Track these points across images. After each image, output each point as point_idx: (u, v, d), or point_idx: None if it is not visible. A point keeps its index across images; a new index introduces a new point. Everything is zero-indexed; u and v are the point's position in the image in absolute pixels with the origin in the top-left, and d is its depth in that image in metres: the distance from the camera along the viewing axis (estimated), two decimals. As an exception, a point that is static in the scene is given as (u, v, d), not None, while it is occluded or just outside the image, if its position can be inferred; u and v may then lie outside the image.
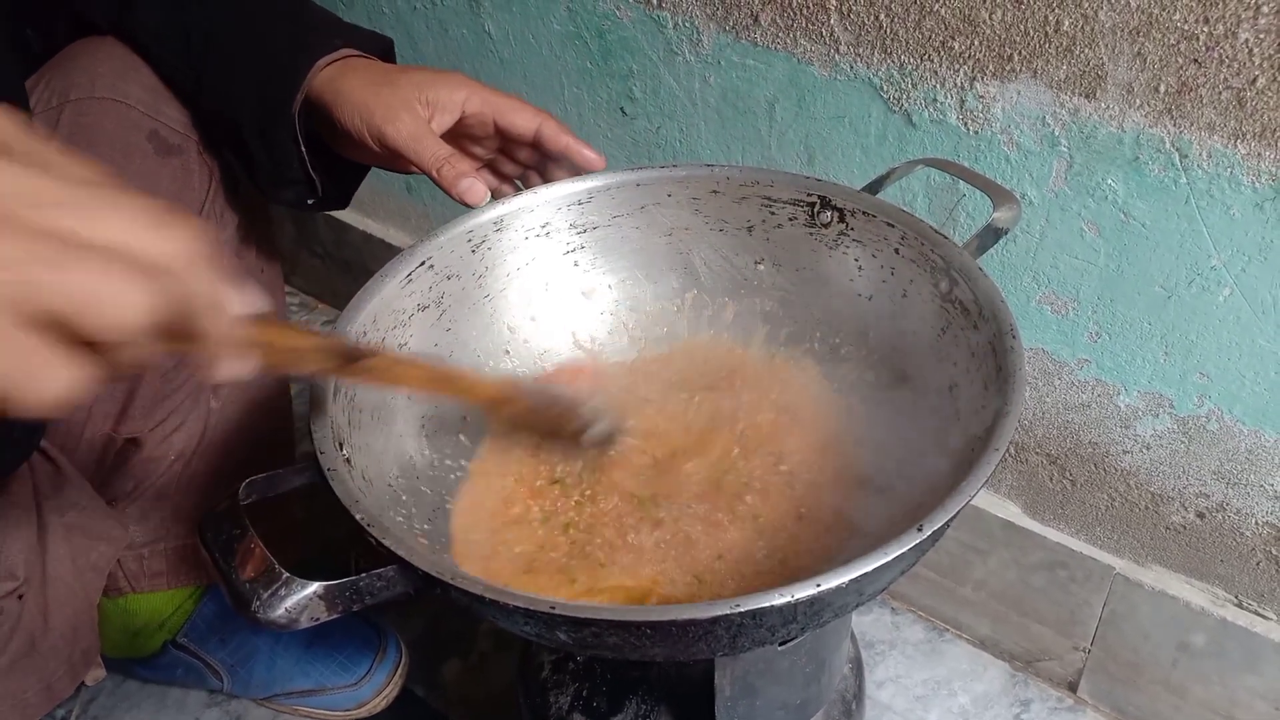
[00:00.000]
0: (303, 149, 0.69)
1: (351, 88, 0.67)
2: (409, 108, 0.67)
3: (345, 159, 0.73)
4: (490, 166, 0.76)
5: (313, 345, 0.48)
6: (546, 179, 0.74)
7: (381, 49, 0.73)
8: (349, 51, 0.70)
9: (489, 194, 0.67)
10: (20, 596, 0.69)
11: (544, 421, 0.67)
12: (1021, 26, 0.67)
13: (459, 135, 0.72)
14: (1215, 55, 0.60)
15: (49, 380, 0.32)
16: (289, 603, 0.46)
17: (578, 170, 0.72)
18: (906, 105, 0.76)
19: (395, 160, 0.69)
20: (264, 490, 0.53)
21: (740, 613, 0.42)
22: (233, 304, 0.39)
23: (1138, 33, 0.62)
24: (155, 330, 0.35)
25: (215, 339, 0.38)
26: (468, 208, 0.67)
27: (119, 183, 0.36)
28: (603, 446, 0.67)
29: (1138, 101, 0.65)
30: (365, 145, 0.68)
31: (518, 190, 0.73)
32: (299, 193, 0.73)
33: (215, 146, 0.78)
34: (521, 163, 0.75)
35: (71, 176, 0.34)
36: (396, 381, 0.59)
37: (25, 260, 0.31)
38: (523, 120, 0.70)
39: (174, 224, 0.35)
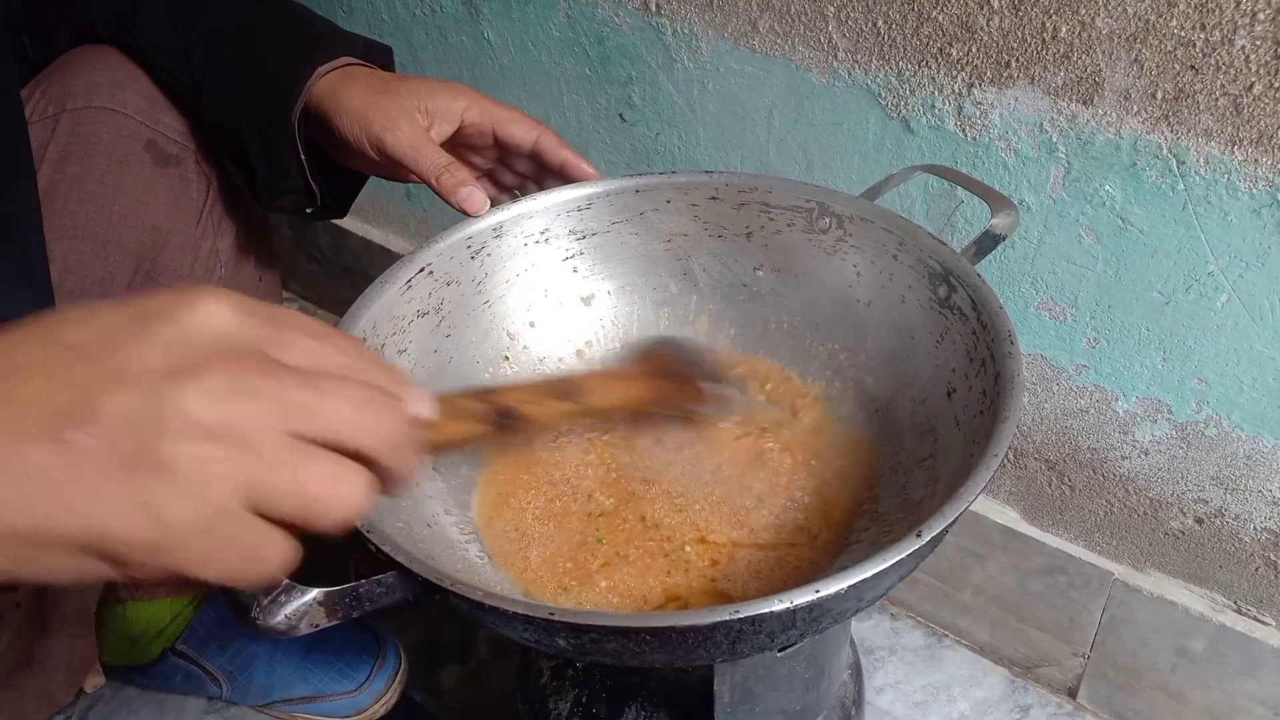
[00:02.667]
0: (302, 157, 0.69)
1: (351, 96, 0.67)
2: (408, 116, 0.67)
3: (344, 167, 0.73)
4: (489, 177, 0.77)
5: (470, 430, 0.50)
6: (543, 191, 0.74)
7: (382, 58, 0.73)
8: (349, 60, 0.70)
9: (488, 202, 0.68)
10: (18, 605, 0.69)
11: (664, 407, 0.66)
12: (1019, 33, 0.67)
13: (458, 145, 0.72)
14: (1212, 62, 0.61)
15: (272, 558, 0.34)
16: (288, 609, 0.46)
17: (574, 184, 0.72)
18: (904, 111, 0.76)
19: (394, 169, 0.69)
20: (263, 496, 0.53)
21: (739, 619, 0.42)
22: (412, 417, 0.39)
23: (1135, 39, 0.63)
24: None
25: (403, 474, 0.38)
26: (466, 216, 0.68)
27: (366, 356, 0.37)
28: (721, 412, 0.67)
29: (1135, 108, 0.65)
30: (364, 153, 0.68)
31: (516, 200, 0.73)
32: (297, 201, 0.73)
33: (213, 155, 0.78)
34: (519, 174, 0.76)
35: (302, 355, 0.35)
36: (546, 426, 0.60)
37: (265, 474, 0.32)
38: (521, 131, 0.70)
39: (379, 393, 0.36)
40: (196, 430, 0.31)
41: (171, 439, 0.30)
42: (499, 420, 0.52)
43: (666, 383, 0.66)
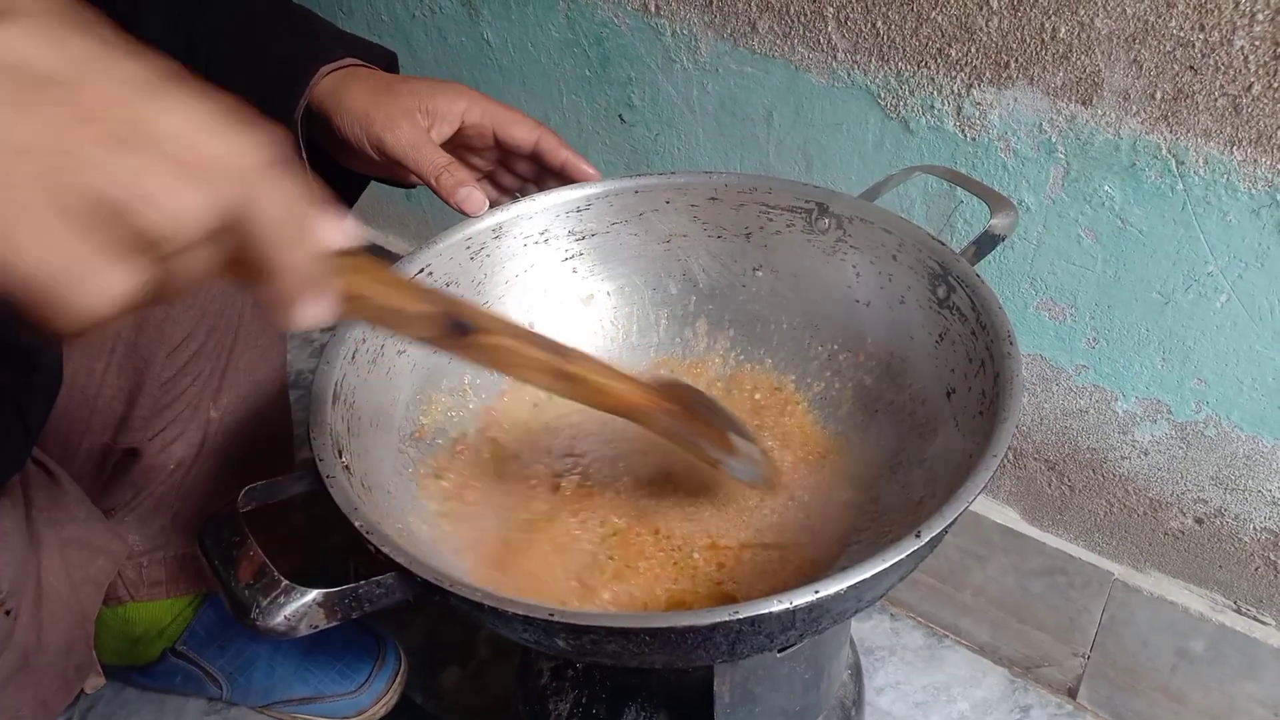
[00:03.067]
0: (304, 156, 0.69)
1: (352, 96, 0.67)
2: (408, 116, 0.67)
3: (346, 171, 0.73)
4: (489, 178, 0.77)
5: (414, 309, 0.41)
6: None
7: (386, 61, 0.73)
8: (352, 61, 0.70)
9: (487, 203, 0.68)
10: (9, 612, 0.68)
11: (689, 443, 0.59)
12: (1018, 34, 0.67)
13: (458, 146, 0.72)
14: (1211, 62, 0.61)
15: (95, 284, 0.28)
16: (288, 610, 0.46)
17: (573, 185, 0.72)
18: (904, 112, 0.76)
19: (394, 169, 0.69)
20: (263, 498, 0.53)
21: (739, 619, 0.42)
22: (317, 231, 0.34)
23: (1134, 40, 0.63)
24: (219, 250, 0.31)
25: (290, 272, 0.32)
26: (465, 216, 0.68)
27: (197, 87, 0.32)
28: (745, 481, 0.61)
29: (1134, 108, 0.65)
30: (365, 154, 0.68)
31: (516, 202, 0.73)
32: None
33: None
34: (520, 175, 0.76)
35: (144, 67, 0.30)
36: (511, 371, 0.49)
37: (77, 136, 0.27)
38: (521, 133, 0.70)
39: (252, 127, 0.31)
40: None
41: None
42: (450, 326, 0.44)
43: (692, 416, 0.58)
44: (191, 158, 0.29)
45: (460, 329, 0.44)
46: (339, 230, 0.35)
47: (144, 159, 0.28)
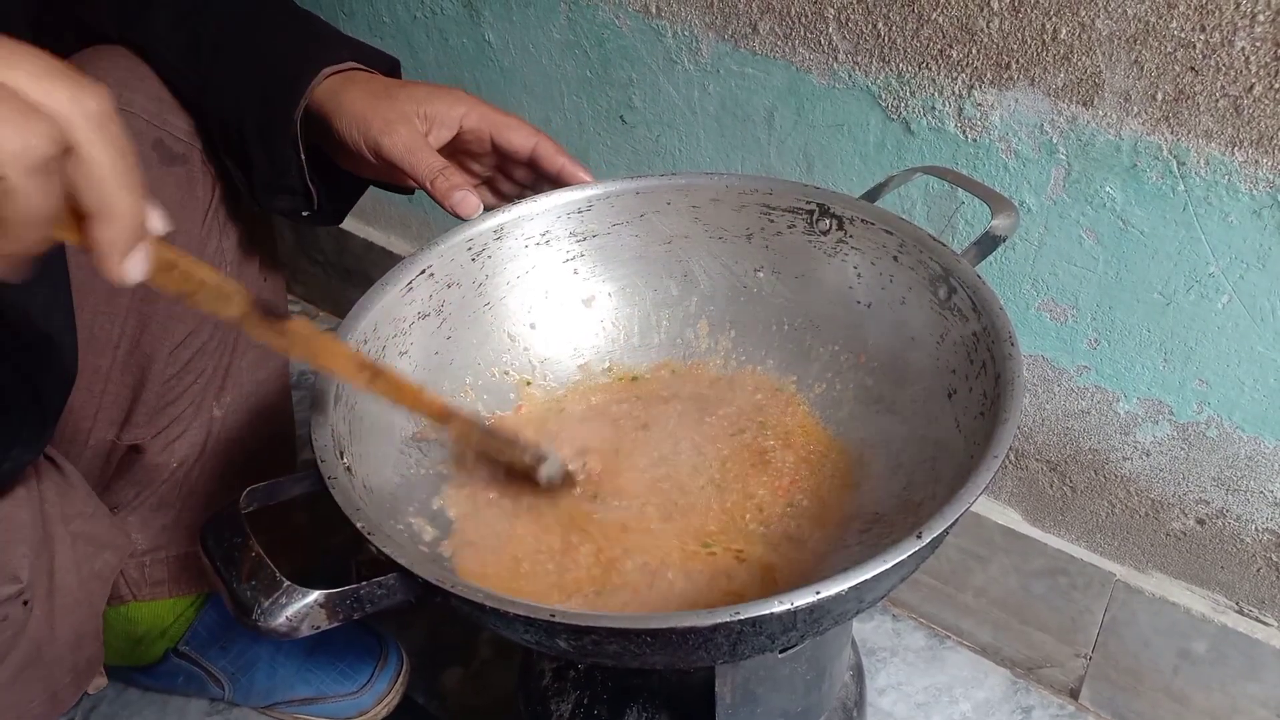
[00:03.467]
0: (302, 156, 0.70)
1: (351, 99, 0.67)
2: (406, 120, 0.67)
3: (344, 174, 0.73)
4: (487, 184, 0.77)
5: (218, 283, 0.46)
6: None
7: (387, 66, 0.74)
8: (353, 64, 0.70)
9: (482, 206, 0.68)
10: (26, 603, 0.69)
11: (497, 455, 0.65)
12: (1019, 35, 0.67)
13: (457, 152, 0.72)
14: (1212, 63, 0.61)
15: None
16: (290, 611, 0.46)
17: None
18: (905, 113, 0.76)
19: (391, 173, 0.69)
20: (265, 498, 0.53)
21: (740, 620, 0.42)
22: (134, 190, 0.37)
23: (1135, 41, 0.63)
24: (53, 192, 0.33)
25: (120, 216, 0.36)
26: (461, 220, 0.68)
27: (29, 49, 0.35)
28: (559, 486, 0.65)
29: (1135, 109, 0.65)
30: (362, 157, 0.68)
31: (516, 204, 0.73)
32: (295, 203, 0.73)
33: (217, 154, 0.78)
34: (517, 181, 0.76)
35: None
36: (319, 359, 0.54)
37: None
38: (519, 139, 0.70)
39: (86, 81, 0.34)
40: None
41: None
42: (262, 309, 0.48)
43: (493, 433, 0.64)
44: (27, 100, 0.32)
45: (270, 313, 0.48)
46: (158, 218, 0.39)
47: None
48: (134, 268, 0.38)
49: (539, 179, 0.74)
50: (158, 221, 0.39)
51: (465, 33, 1.05)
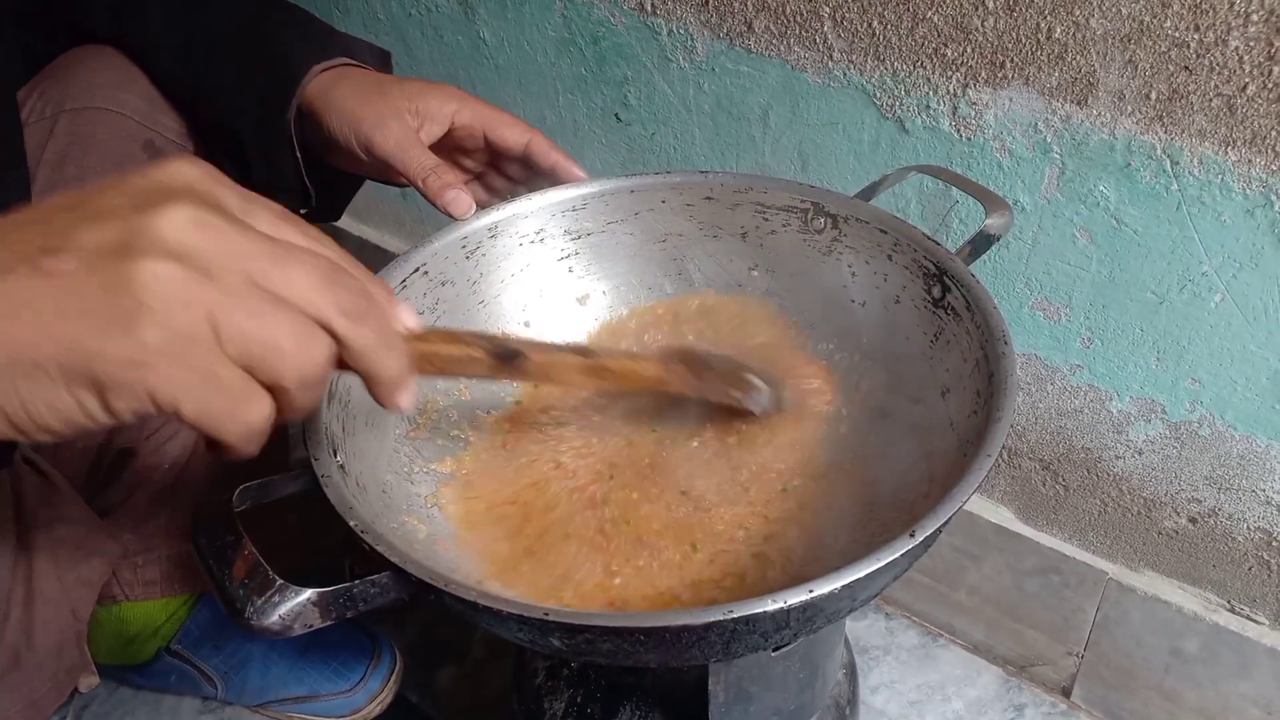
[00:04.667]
0: (298, 155, 0.69)
1: (343, 96, 0.67)
2: (398, 117, 0.67)
3: (339, 171, 0.73)
4: (479, 180, 0.77)
5: (466, 353, 0.49)
6: None
7: (379, 60, 0.73)
8: (344, 61, 0.70)
9: (474, 205, 0.68)
10: (5, 616, 0.68)
11: (709, 391, 0.64)
12: (1014, 34, 0.67)
13: (449, 148, 0.72)
14: (1206, 62, 0.61)
15: (250, 411, 0.36)
16: (282, 610, 0.46)
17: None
18: (899, 112, 0.76)
19: (383, 169, 0.69)
20: (258, 497, 0.53)
21: (733, 618, 0.42)
22: (396, 329, 0.42)
23: (1129, 40, 0.63)
24: (320, 392, 0.38)
25: (387, 379, 0.40)
26: (452, 219, 0.68)
27: (307, 230, 0.39)
28: (774, 408, 0.65)
29: (1129, 108, 0.65)
30: (354, 154, 0.68)
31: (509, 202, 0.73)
32: (291, 202, 0.73)
33: (211, 155, 0.78)
34: (510, 178, 0.75)
35: (269, 227, 0.37)
36: (556, 380, 0.57)
37: (231, 309, 0.34)
38: (512, 135, 0.70)
39: (350, 274, 0.38)
40: (165, 252, 0.33)
41: (141, 260, 0.33)
42: (501, 356, 0.51)
43: (702, 370, 0.64)
44: (311, 311, 0.36)
45: (508, 358, 0.51)
46: (410, 318, 0.44)
47: (279, 327, 0.35)
48: (405, 403, 0.42)
49: (531, 175, 0.74)
50: (411, 320, 0.44)
51: (460, 30, 1.05)
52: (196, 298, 0.33)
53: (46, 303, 0.32)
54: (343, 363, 0.39)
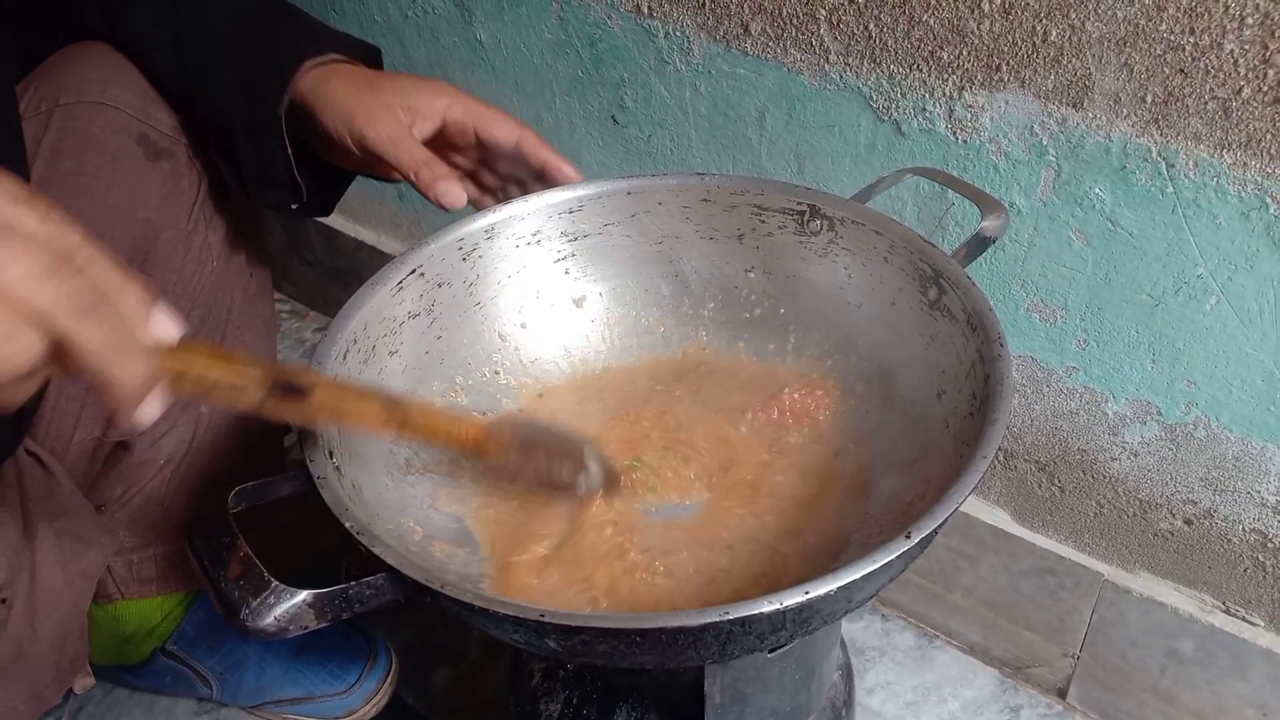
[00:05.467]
0: (289, 150, 0.70)
1: (335, 91, 0.67)
2: (390, 112, 0.67)
3: (330, 166, 0.73)
4: (471, 177, 0.77)
5: (233, 380, 0.44)
6: (526, 192, 0.74)
7: (370, 56, 0.74)
8: (336, 56, 0.70)
9: (466, 197, 0.68)
10: (5, 601, 0.68)
11: (530, 468, 0.63)
12: (1009, 37, 0.67)
13: (441, 144, 0.72)
14: (1201, 66, 0.61)
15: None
16: (278, 611, 0.46)
17: (556, 186, 0.72)
18: (895, 114, 0.77)
19: (375, 165, 0.69)
20: (254, 498, 0.53)
21: (729, 620, 0.42)
22: (147, 337, 0.37)
23: (1124, 43, 0.63)
24: (50, 368, 0.35)
25: (120, 387, 0.36)
26: (445, 211, 0.68)
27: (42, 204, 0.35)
28: (604, 491, 0.64)
29: (1125, 111, 0.66)
30: (346, 149, 0.68)
31: (498, 201, 0.73)
32: (283, 196, 0.73)
33: (204, 149, 0.78)
34: (501, 175, 0.76)
35: None
36: (347, 420, 0.53)
37: None
38: (503, 132, 0.70)
39: (82, 267, 0.35)
40: None
41: None
42: (279, 389, 0.46)
43: (531, 448, 0.62)
44: (19, 298, 0.32)
45: (290, 391, 0.47)
46: (166, 325, 0.39)
47: None
48: (145, 416, 0.38)
49: (523, 173, 0.74)
50: (167, 328, 0.39)
51: (456, 32, 1.05)
52: None
53: None
54: (70, 366, 0.36)
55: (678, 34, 0.86)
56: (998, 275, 0.79)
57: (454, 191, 0.66)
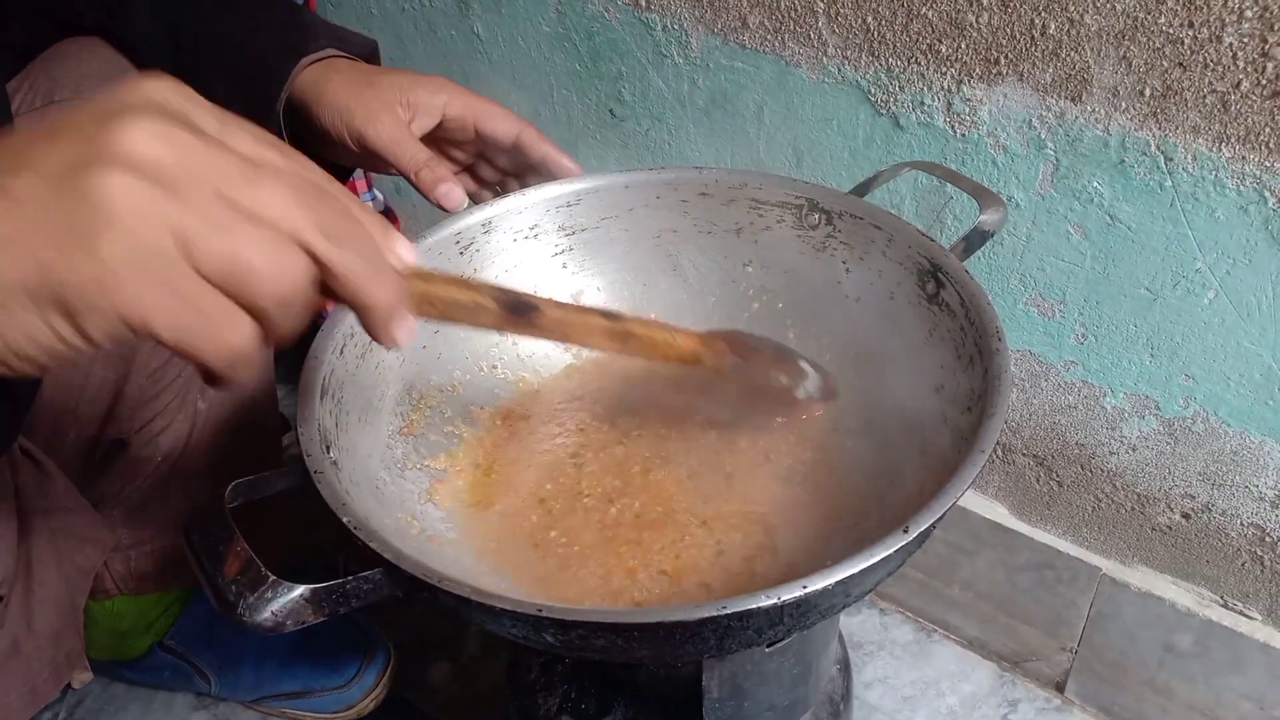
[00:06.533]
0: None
1: (333, 88, 0.67)
2: (389, 109, 0.67)
3: (329, 163, 0.73)
4: (469, 171, 0.76)
5: (473, 299, 0.46)
6: (524, 187, 0.74)
7: (367, 51, 0.73)
8: (333, 52, 0.70)
9: (466, 199, 0.68)
10: (1, 598, 0.68)
11: (748, 373, 0.62)
12: (1008, 30, 0.67)
13: (439, 139, 0.72)
14: (1200, 59, 0.61)
15: (229, 331, 0.34)
16: (275, 606, 0.46)
17: (555, 180, 0.72)
18: (894, 108, 0.76)
19: (374, 162, 0.69)
20: (250, 493, 0.53)
21: (727, 614, 0.42)
22: (390, 259, 0.39)
23: (1123, 36, 0.63)
24: (318, 290, 0.36)
25: (378, 306, 0.38)
26: (445, 212, 0.67)
27: (294, 154, 0.37)
28: (817, 398, 0.65)
29: (1123, 105, 0.65)
30: (345, 146, 0.68)
31: (497, 196, 0.73)
32: None
33: None
34: (500, 169, 0.75)
35: (246, 147, 0.36)
36: (574, 336, 0.53)
37: (198, 225, 0.32)
38: (503, 126, 0.70)
39: (334, 197, 0.37)
40: (127, 164, 0.32)
41: (101, 172, 0.31)
42: (512, 308, 0.47)
43: (746, 352, 0.62)
44: (286, 229, 0.34)
45: (521, 309, 0.48)
46: (407, 251, 0.41)
47: (250, 242, 0.33)
48: (401, 336, 0.40)
49: (521, 167, 0.74)
50: (408, 254, 0.41)
51: (454, 25, 1.05)
52: (158, 211, 0.32)
53: (9, 226, 0.31)
54: (331, 290, 0.37)
55: (675, 27, 0.85)
56: (996, 269, 0.79)
57: (454, 194, 0.67)
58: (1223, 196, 0.65)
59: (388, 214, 1.20)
